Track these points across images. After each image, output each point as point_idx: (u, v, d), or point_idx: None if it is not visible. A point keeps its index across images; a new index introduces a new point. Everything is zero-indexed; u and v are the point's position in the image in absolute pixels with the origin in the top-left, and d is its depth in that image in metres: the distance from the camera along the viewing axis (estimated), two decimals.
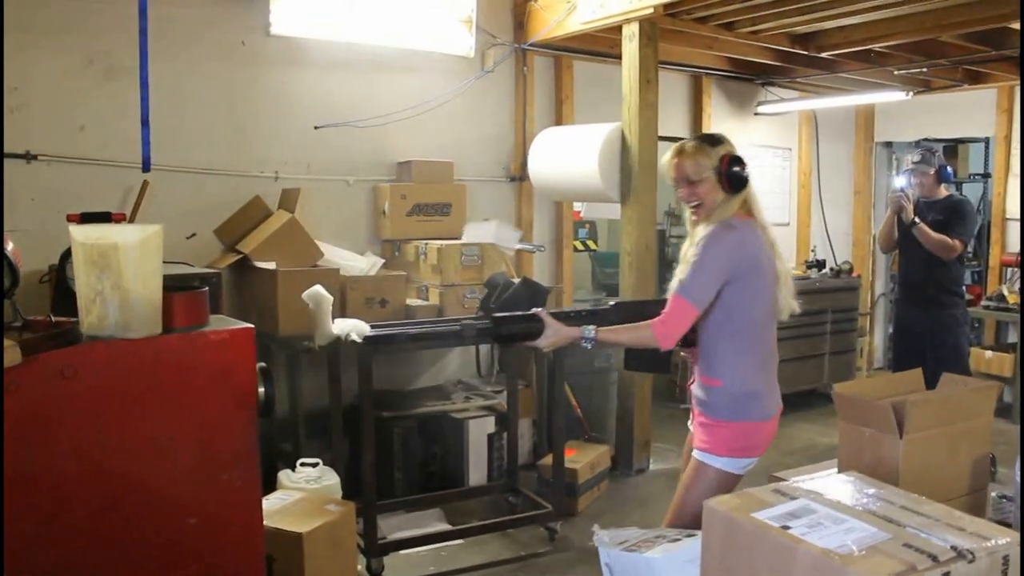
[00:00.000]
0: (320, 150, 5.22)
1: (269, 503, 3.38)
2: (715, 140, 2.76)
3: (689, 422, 2.97)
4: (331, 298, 3.92)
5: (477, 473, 4.88)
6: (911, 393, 3.01)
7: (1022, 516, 2.30)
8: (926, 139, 7.84)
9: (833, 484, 2.05)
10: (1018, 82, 6.83)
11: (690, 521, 2.65)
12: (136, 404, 2.26)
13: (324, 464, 3.94)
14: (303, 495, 3.55)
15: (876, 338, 8.37)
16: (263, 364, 2.43)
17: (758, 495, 1.95)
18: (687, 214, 2.84)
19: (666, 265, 7.99)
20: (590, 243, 7.99)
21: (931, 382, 5.31)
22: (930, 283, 5.10)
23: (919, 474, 2.68)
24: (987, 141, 8.26)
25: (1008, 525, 3.01)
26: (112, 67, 4.47)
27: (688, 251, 2.73)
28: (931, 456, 2.74)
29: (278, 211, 4.84)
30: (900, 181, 5.09)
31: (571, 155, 5.30)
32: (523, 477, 4.83)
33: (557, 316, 2.84)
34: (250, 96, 4.94)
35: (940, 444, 2.76)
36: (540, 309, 2.77)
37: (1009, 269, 7.10)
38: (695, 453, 2.81)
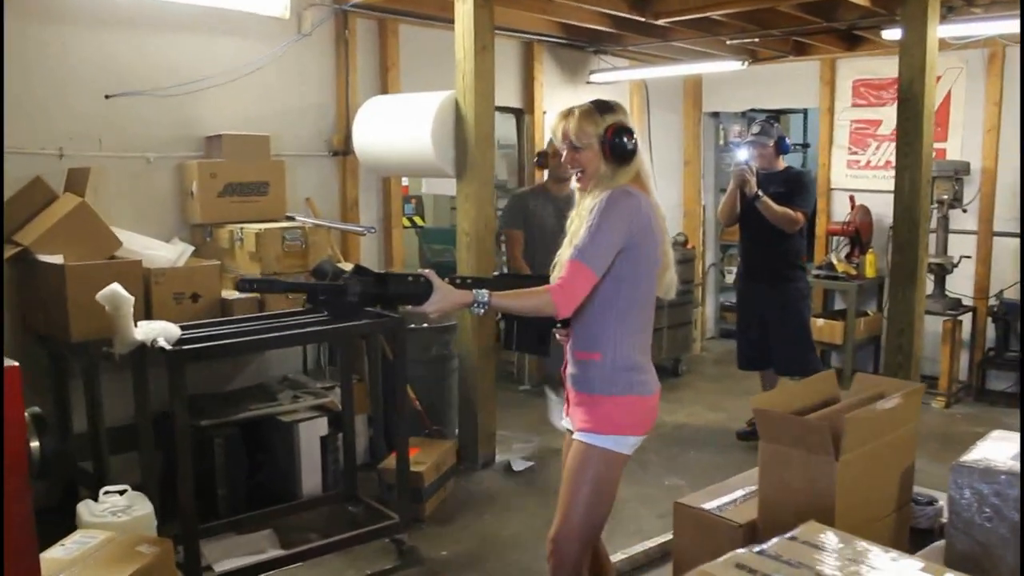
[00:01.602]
0: (114, 123, 4.54)
1: (66, 550, 2.81)
2: (607, 108, 2.58)
3: (562, 417, 2.73)
4: (131, 298, 3.34)
5: (311, 482, 4.40)
6: (826, 401, 2.73)
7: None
8: (752, 110, 7.91)
9: (803, 548, 1.78)
10: (839, 54, 6.92)
11: (583, 511, 2.55)
12: None
13: (136, 485, 3.38)
14: (108, 536, 2.97)
15: (708, 308, 8.41)
16: (36, 410, 1.87)
17: None
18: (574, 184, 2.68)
19: (495, 240, 7.71)
20: (417, 219, 7.61)
21: (778, 353, 5.35)
22: (774, 257, 5.04)
23: (854, 497, 2.41)
24: (805, 112, 8.44)
25: (931, 530, 2.89)
26: None
27: (575, 222, 2.58)
28: (867, 475, 2.47)
29: (65, 194, 4.16)
30: (742, 154, 4.99)
31: (401, 126, 4.86)
32: (362, 480, 4.39)
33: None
34: (24, 58, 4.18)
35: (874, 460, 2.49)
36: (429, 270, 2.44)
37: (835, 238, 7.23)
38: (577, 435, 2.58)
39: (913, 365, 4.87)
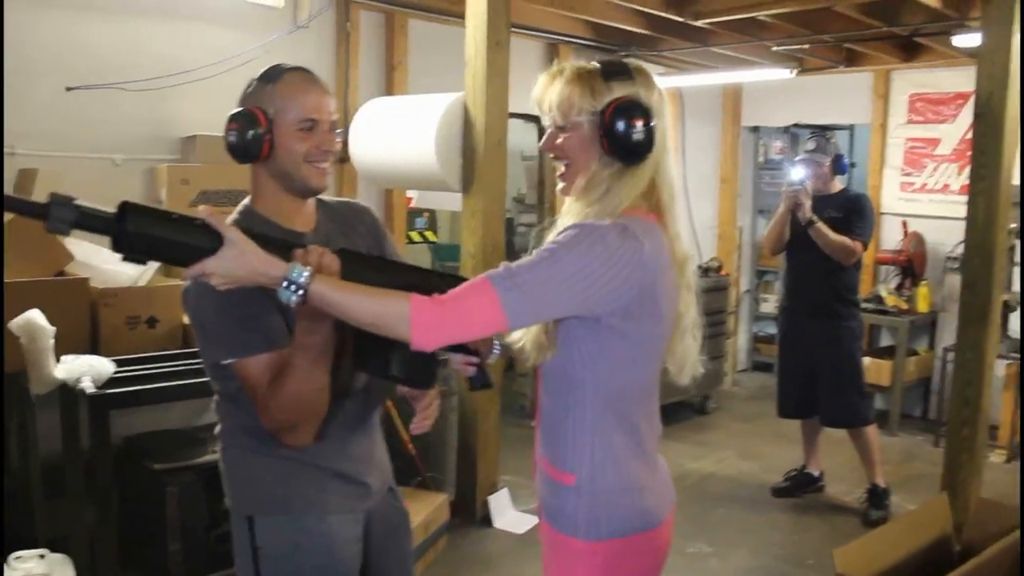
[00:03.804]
0: (76, 119, 4.01)
1: None
2: (618, 71, 1.67)
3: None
4: (51, 329, 2.79)
5: None
6: (936, 544, 2.01)
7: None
8: (796, 125, 7.29)
9: None
10: (895, 65, 6.30)
11: None
12: None
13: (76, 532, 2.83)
14: None
15: (740, 339, 7.76)
16: None
17: None
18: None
19: (514, 257, 7.14)
20: (428, 234, 7.04)
21: (825, 401, 4.73)
22: (825, 291, 4.43)
23: None
24: (852, 129, 7.79)
25: None
26: None
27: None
28: None
29: None
30: (797, 173, 4.36)
31: (403, 133, 4.29)
32: None
33: (263, 238, 1.55)
34: None
35: None
36: (228, 223, 1.51)
37: (885, 268, 6.58)
38: None
39: (981, 421, 4.22)
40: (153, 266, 3.95)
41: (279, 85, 1.80)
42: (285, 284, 1.46)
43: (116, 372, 2.89)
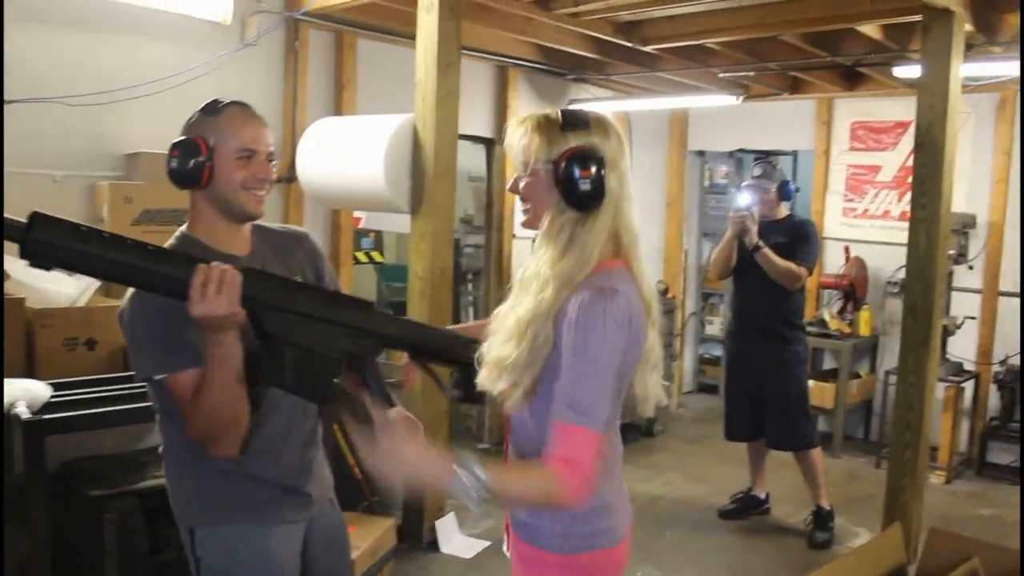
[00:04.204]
0: (13, 134, 3.85)
1: None
2: (576, 122, 1.74)
3: (504, 546, 1.99)
4: None
5: None
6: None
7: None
8: (741, 150, 7.40)
9: None
10: (838, 93, 6.42)
11: None
12: None
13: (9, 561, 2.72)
14: None
15: (686, 361, 7.81)
16: None
17: None
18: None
19: (460, 279, 7.10)
20: (375, 254, 7.01)
21: (771, 424, 4.75)
22: (771, 315, 4.48)
23: None
24: (795, 155, 7.91)
25: None
26: None
27: (539, 294, 1.71)
28: None
29: None
30: (744, 199, 4.41)
31: (351, 153, 4.24)
32: None
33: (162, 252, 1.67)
34: None
35: None
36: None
37: (826, 292, 6.68)
38: None
39: (923, 444, 4.29)
40: (93, 286, 3.85)
41: (220, 117, 1.93)
42: (465, 475, 1.53)
43: (53, 396, 2.79)
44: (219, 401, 1.73)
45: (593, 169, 1.69)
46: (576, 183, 1.68)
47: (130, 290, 1.84)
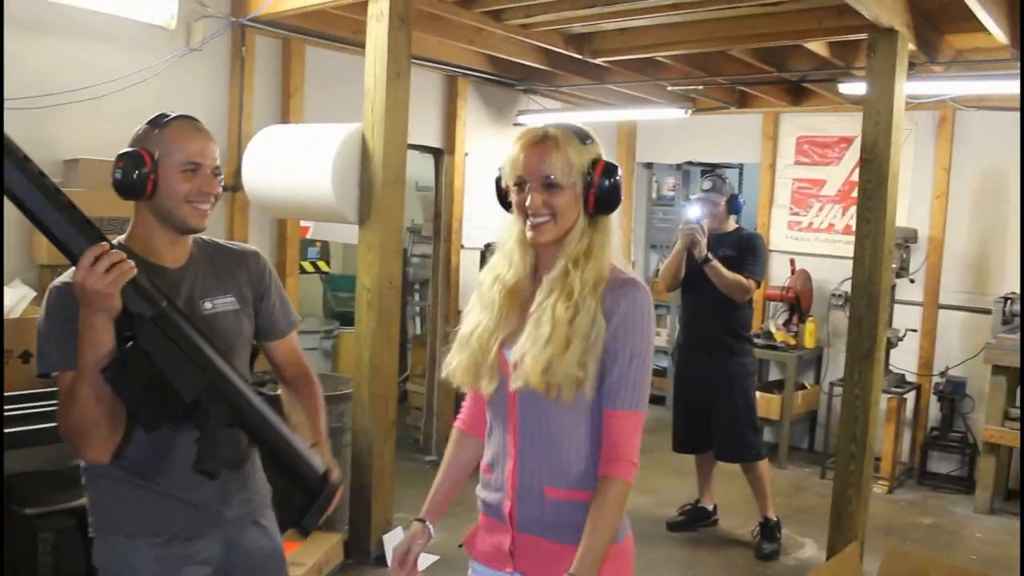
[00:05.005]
0: None
1: None
2: (588, 135, 1.84)
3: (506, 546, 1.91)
4: None
5: None
6: None
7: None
8: (689, 162, 7.46)
9: None
10: (784, 108, 6.51)
11: None
12: None
13: None
14: None
15: None
16: None
17: None
18: (513, 233, 1.90)
19: (408, 289, 7.05)
20: (321, 264, 6.92)
21: (719, 436, 4.76)
22: (720, 327, 4.51)
23: None
24: (741, 168, 8.01)
25: None
26: None
27: (553, 304, 1.78)
28: None
29: None
30: (694, 212, 4.42)
31: (298, 162, 4.17)
32: None
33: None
34: None
35: None
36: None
37: (772, 304, 6.75)
38: None
39: (868, 456, 4.34)
40: (28, 297, 3.73)
41: (167, 130, 1.94)
42: None
43: None
44: (86, 394, 1.73)
45: (616, 176, 1.81)
46: (610, 192, 1.79)
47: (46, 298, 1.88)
